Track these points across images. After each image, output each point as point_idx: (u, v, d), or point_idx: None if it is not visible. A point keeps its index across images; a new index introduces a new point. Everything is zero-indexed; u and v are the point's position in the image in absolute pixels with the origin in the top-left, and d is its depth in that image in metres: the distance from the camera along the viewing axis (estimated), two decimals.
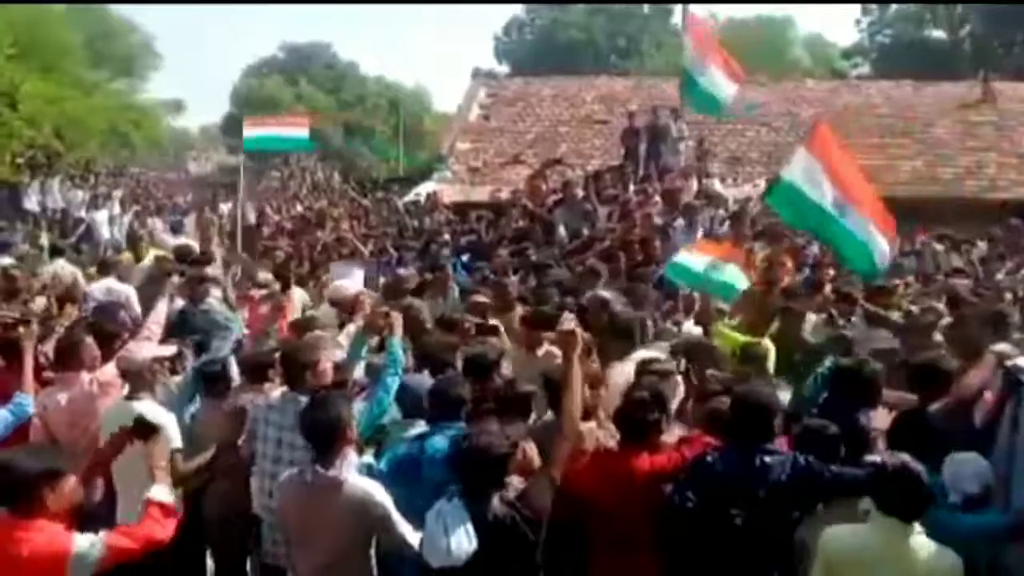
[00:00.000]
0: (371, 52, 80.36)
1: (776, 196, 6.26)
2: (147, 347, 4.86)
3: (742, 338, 5.73)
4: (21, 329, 5.01)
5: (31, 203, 16.95)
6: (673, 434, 4.27)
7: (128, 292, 7.87)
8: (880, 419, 4.46)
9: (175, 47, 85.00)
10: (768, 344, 5.57)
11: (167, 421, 4.31)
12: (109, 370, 4.85)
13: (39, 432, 4.68)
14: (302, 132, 12.01)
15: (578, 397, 3.87)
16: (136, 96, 30.39)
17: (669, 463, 3.89)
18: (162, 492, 3.45)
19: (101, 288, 7.99)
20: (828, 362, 4.82)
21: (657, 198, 11.34)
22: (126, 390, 4.66)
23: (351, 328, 5.78)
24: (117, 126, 23.32)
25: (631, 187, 12.41)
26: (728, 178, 16.02)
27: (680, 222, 10.03)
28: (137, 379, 4.58)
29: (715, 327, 6.15)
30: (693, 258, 6.72)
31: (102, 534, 3.15)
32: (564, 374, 3.92)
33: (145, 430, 3.68)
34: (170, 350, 5.00)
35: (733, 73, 9.04)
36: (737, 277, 6.53)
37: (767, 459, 3.74)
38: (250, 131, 11.38)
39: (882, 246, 6.09)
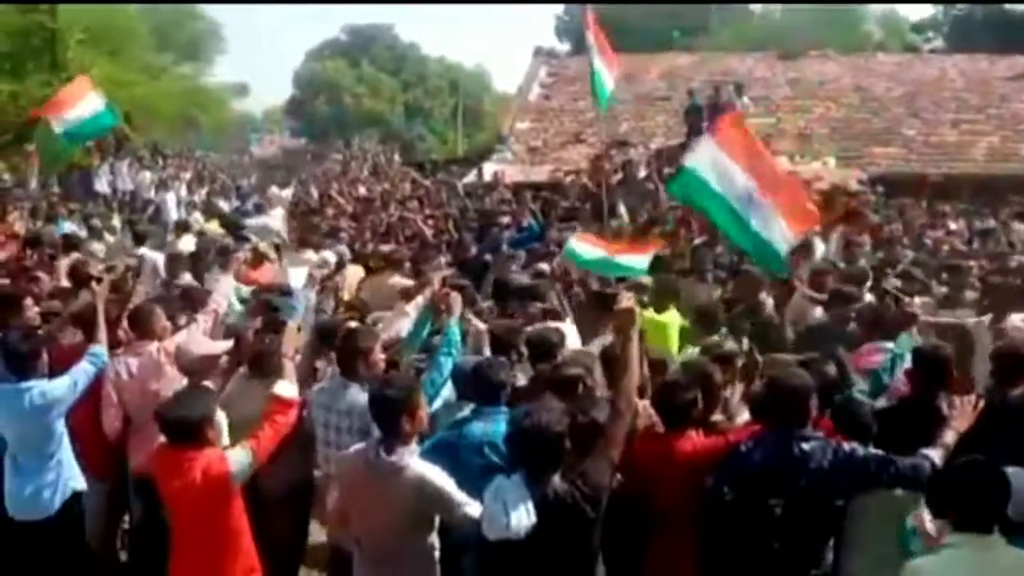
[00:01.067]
0: (432, 33, 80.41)
1: (679, 184, 6.04)
2: (202, 342, 4.76)
3: (661, 319, 5.87)
4: (94, 285, 5.11)
5: (102, 185, 17.36)
6: (742, 418, 4.17)
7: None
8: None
9: (240, 32, 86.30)
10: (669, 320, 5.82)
11: (220, 415, 4.18)
12: (177, 339, 4.93)
13: (109, 398, 4.76)
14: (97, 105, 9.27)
15: (636, 375, 3.79)
16: (202, 80, 30.92)
17: (714, 448, 3.79)
18: (284, 387, 3.99)
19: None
20: (897, 346, 4.62)
21: None
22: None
23: (411, 307, 5.74)
24: (184, 109, 23.80)
25: None
26: (796, 155, 15.60)
27: None
28: (194, 374, 4.51)
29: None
30: (586, 247, 6.64)
31: (246, 442, 3.77)
32: (623, 352, 3.83)
33: (276, 324, 4.33)
34: (223, 346, 4.84)
35: (610, 63, 8.90)
36: (636, 262, 6.39)
37: (805, 446, 3.57)
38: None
39: (784, 242, 5.71)
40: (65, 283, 6.78)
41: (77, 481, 4.45)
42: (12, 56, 17.89)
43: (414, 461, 3.57)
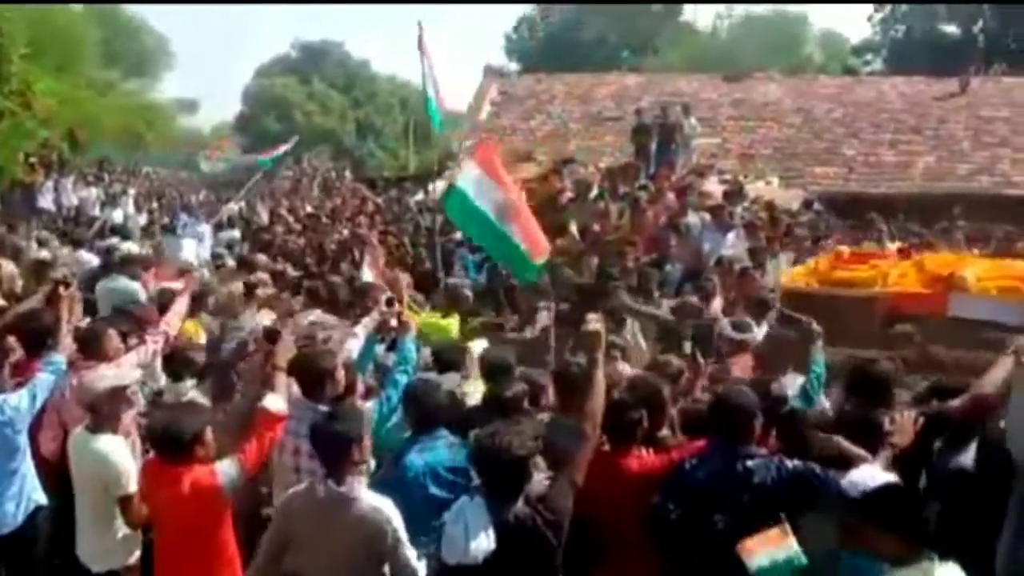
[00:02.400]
0: (383, 51, 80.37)
1: (451, 203, 6.31)
2: (108, 375, 4.43)
3: (443, 322, 6.33)
4: (61, 289, 5.03)
5: (46, 202, 17.06)
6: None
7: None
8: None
9: (188, 47, 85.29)
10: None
11: (127, 460, 4.15)
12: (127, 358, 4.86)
13: (52, 415, 4.68)
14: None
15: (601, 398, 3.77)
16: (150, 96, 30.57)
17: (659, 466, 3.81)
18: (274, 401, 3.98)
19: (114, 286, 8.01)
20: (817, 366, 4.62)
21: (670, 195, 11.30)
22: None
23: (358, 328, 5.73)
24: (131, 125, 23.44)
25: (640, 184, 12.39)
26: (740, 175, 15.96)
27: (694, 219, 9.95)
28: (97, 411, 4.22)
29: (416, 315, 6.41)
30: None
31: (234, 455, 3.76)
32: (588, 374, 3.83)
33: (273, 335, 4.38)
34: (132, 376, 4.59)
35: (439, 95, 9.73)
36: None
37: (749, 463, 3.62)
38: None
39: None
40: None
41: (38, 494, 4.42)
42: None
43: (366, 493, 3.53)
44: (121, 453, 4.16)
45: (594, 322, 3.97)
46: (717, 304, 6.74)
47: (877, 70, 35.30)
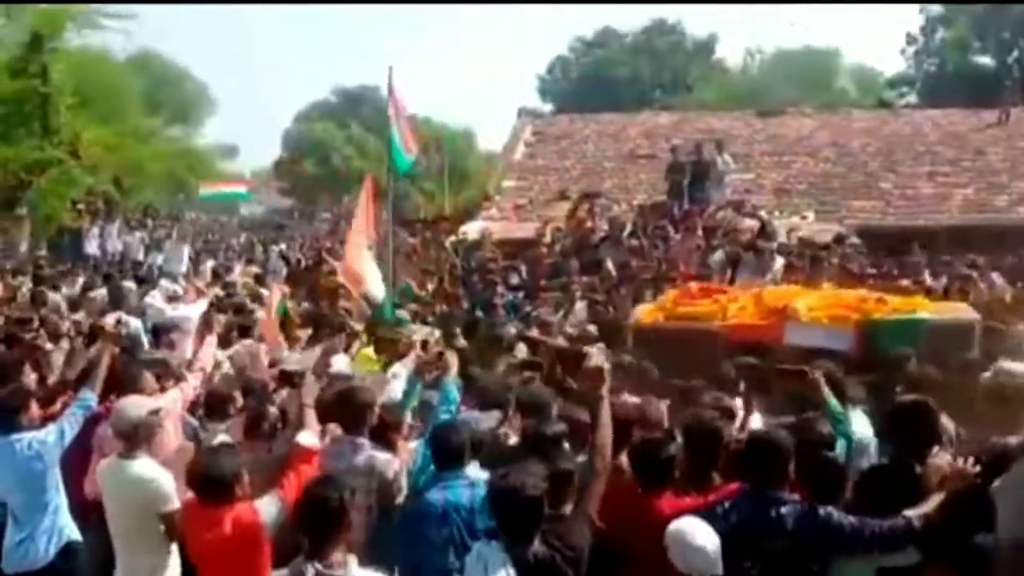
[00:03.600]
0: (419, 95, 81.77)
1: None
2: (139, 401, 4.56)
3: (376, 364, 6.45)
4: (108, 330, 5.36)
5: (91, 247, 17.49)
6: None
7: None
8: None
9: (229, 94, 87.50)
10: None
11: (165, 481, 4.24)
12: (170, 395, 5.05)
13: (98, 458, 4.74)
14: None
15: (608, 432, 3.76)
16: (191, 142, 31.29)
17: (691, 510, 3.66)
18: (307, 437, 4.09)
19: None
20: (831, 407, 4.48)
21: (699, 232, 11.33)
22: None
23: (399, 368, 5.81)
24: (174, 171, 24.02)
25: (673, 222, 12.43)
26: (775, 210, 15.91)
27: (722, 256, 9.91)
28: (131, 438, 4.32)
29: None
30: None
31: (274, 492, 3.83)
32: (593, 410, 3.82)
33: (292, 377, 4.49)
34: (169, 398, 4.83)
35: (408, 145, 9.82)
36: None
37: (783, 509, 3.51)
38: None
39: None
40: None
41: (72, 530, 4.50)
42: (4, 121, 18.11)
43: (356, 570, 3.29)
44: (160, 471, 4.25)
45: (596, 357, 3.99)
46: None
47: (912, 103, 35.14)
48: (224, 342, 6.92)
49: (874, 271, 10.36)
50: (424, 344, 5.58)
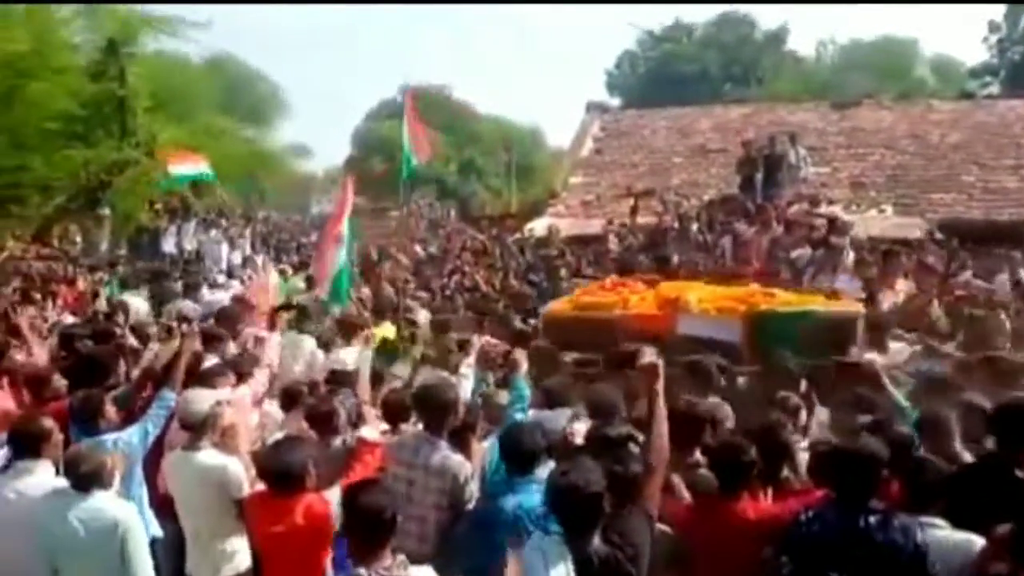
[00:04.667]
0: (487, 92, 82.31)
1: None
2: (204, 394, 4.67)
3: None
4: (183, 329, 5.57)
5: (168, 246, 17.96)
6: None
7: None
8: None
9: (301, 94, 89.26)
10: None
11: (233, 467, 4.31)
12: (239, 391, 5.22)
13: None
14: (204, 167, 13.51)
15: (664, 428, 3.74)
16: (265, 142, 31.92)
17: (776, 515, 3.62)
18: (369, 431, 4.40)
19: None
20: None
21: (777, 227, 11.00)
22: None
23: (466, 369, 5.80)
24: (248, 171, 24.54)
25: (746, 217, 12.15)
26: (852, 204, 15.45)
27: (808, 252, 9.60)
28: (196, 429, 4.44)
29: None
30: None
31: (340, 483, 3.91)
32: (649, 407, 3.80)
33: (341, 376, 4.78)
34: (238, 394, 4.96)
35: (422, 149, 10.61)
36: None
37: (871, 519, 3.35)
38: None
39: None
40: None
41: (154, 527, 4.57)
42: (84, 124, 18.74)
43: (413, 570, 3.23)
44: (228, 458, 4.36)
45: (649, 355, 3.97)
46: None
47: (994, 94, 33.78)
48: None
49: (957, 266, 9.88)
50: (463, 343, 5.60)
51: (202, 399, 4.49)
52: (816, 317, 6.10)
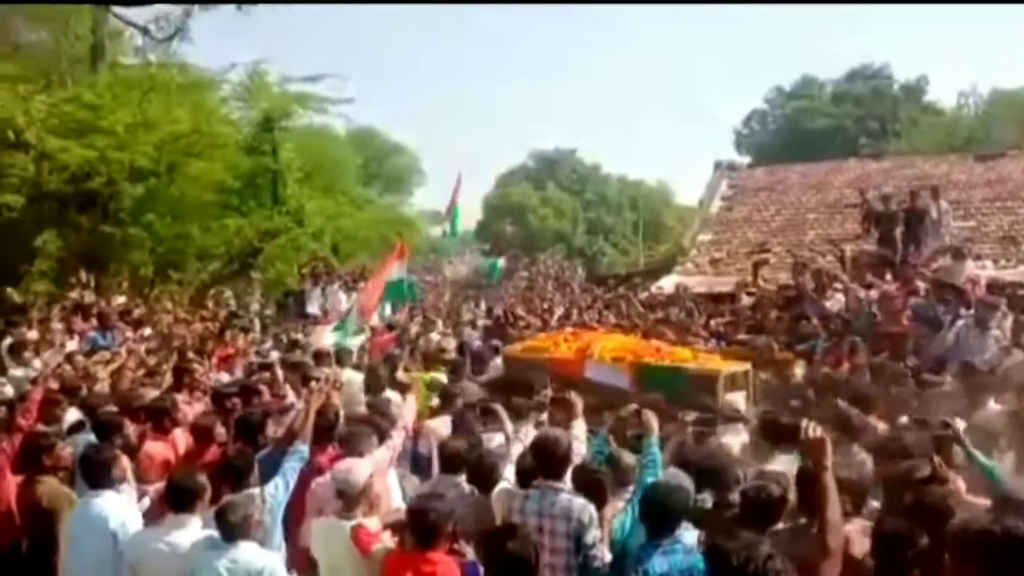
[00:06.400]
0: (614, 154, 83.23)
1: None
2: (364, 465, 4.79)
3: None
4: (313, 384, 5.88)
5: (313, 307, 18.87)
6: None
7: None
8: None
9: (437, 162, 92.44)
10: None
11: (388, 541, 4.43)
12: (379, 453, 5.38)
13: (310, 510, 5.14)
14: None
15: (837, 507, 3.62)
16: (402, 209, 33.32)
17: None
18: (373, 522, 4.39)
19: None
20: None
21: (920, 283, 10.56)
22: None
23: (579, 431, 5.82)
24: (386, 236, 25.66)
25: (888, 274, 11.75)
26: (1001, 259, 14.74)
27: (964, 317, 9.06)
28: (353, 499, 4.54)
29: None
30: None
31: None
32: (819, 484, 3.64)
33: None
34: (379, 456, 5.14)
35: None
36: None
37: None
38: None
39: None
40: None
41: None
42: (239, 195, 20.12)
43: None
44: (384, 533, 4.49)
45: (814, 427, 3.76)
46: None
47: None
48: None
49: None
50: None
51: (362, 470, 4.64)
52: (684, 372, 7.23)
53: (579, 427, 5.82)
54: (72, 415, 6.75)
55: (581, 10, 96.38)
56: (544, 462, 4.62)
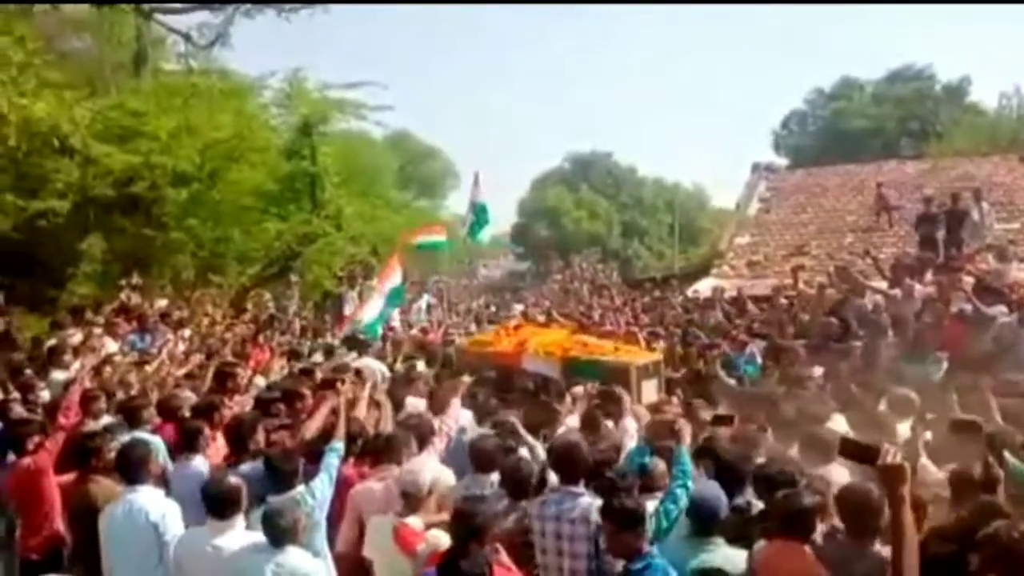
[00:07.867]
0: (649, 156, 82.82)
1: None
2: (428, 465, 4.91)
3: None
4: (339, 386, 6.06)
5: (349, 310, 19.08)
6: None
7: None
8: None
9: (472, 165, 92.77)
10: None
11: (445, 540, 4.42)
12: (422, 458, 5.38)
13: (352, 516, 5.14)
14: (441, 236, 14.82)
15: (915, 546, 3.28)
16: (438, 213, 33.46)
17: None
18: (416, 520, 4.49)
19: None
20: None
21: (966, 279, 10.36)
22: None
23: (627, 439, 5.87)
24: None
25: (928, 276, 11.57)
26: None
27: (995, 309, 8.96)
28: (417, 499, 4.65)
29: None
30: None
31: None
32: (895, 518, 3.28)
33: None
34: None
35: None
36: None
37: None
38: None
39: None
40: None
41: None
42: (278, 199, 20.36)
43: None
44: (443, 534, 4.44)
45: (893, 452, 3.36)
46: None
47: None
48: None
49: None
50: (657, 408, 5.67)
51: (426, 468, 4.76)
52: (602, 364, 8.02)
53: (631, 424, 5.83)
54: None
55: (619, 11, 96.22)
56: (562, 467, 4.67)
